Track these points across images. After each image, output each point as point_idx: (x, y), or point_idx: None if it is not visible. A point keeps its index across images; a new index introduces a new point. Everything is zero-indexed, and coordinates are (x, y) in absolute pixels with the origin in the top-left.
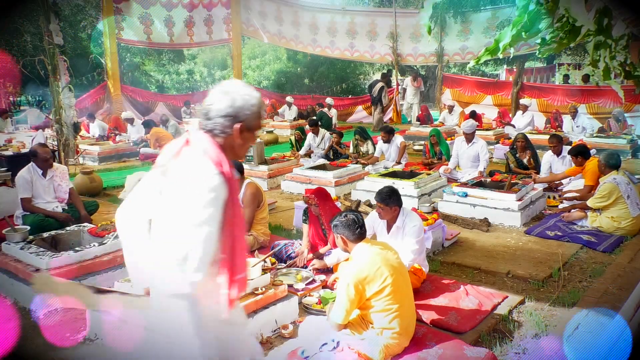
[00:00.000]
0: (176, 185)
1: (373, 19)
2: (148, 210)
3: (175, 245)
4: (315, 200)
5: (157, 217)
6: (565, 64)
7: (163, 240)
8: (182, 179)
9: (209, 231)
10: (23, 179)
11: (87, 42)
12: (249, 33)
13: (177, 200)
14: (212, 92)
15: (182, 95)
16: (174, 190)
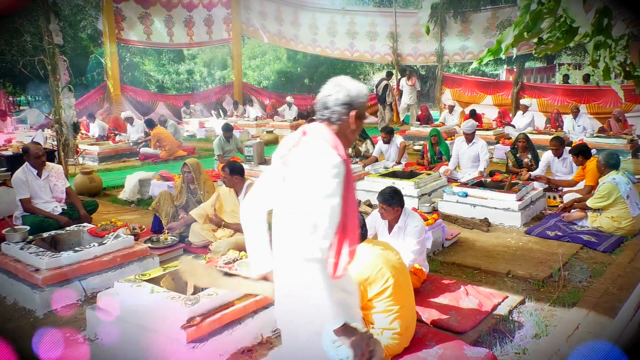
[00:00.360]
0: (301, 168)
1: (373, 19)
2: (268, 200)
3: (306, 216)
4: None
5: (283, 199)
6: (565, 64)
7: (294, 215)
8: (307, 162)
9: (334, 203)
10: (19, 180)
11: (87, 42)
12: (249, 33)
13: (304, 180)
14: (326, 86)
15: (182, 95)
16: (300, 172)
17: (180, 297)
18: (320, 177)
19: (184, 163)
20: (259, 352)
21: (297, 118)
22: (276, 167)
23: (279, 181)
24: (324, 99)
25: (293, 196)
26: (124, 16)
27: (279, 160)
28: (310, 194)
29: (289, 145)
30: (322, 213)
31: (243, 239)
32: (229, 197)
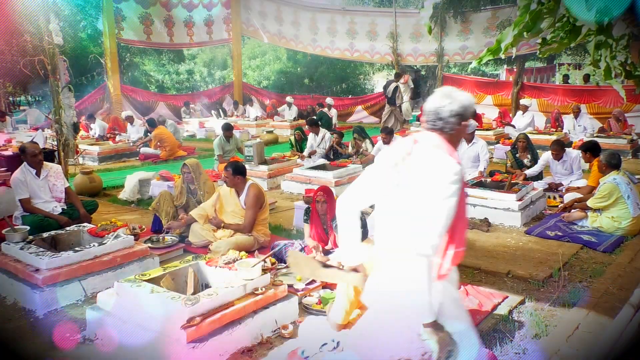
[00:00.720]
0: (422, 174)
1: (373, 19)
2: (368, 200)
3: (423, 217)
4: (324, 197)
5: (396, 201)
6: (565, 64)
7: (408, 215)
8: (428, 169)
9: (451, 205)
10: (17, 180)
11: (87, 42)
12: (249, 33)
13: (426, 184)
14: (436, 97)
15: (182, 95)
16: (420, 178)
17: (180, 297)
18: (442, 182)
19: (184, 164)
20: (259, 352)
21: (297, 118)
22: (387, 172)
23: (391, 186)
24: (438, 110)
25: (410, 199)
26: (124, 16)
27: (392, 167)
28: (431, 197)
29: (402, 154)
30: (439, 215)
31: (242, 239)
32: (229, 197)
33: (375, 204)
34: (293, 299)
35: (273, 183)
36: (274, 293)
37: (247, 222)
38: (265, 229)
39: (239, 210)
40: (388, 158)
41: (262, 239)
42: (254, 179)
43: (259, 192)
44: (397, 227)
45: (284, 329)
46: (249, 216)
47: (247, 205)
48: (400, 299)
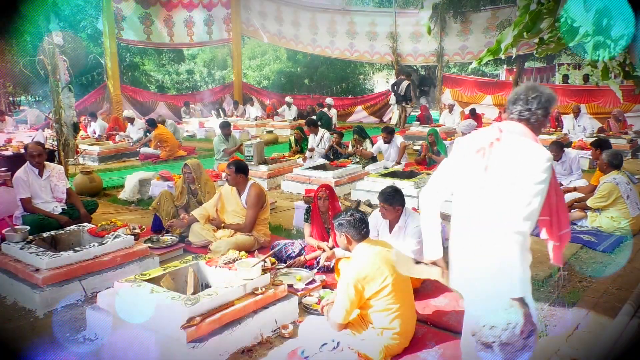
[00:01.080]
0: (512, 159)
1: (373, 19)
2: (449, 189)
3: (518, 200)
4: (326, 193)
5: (486, 185)
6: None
7: (501, 197)
8: (518, 155)
9: (544, 188)
10: (20, 179)
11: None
12: (249, 33)
13: (519, 170)
14: (524, 90)
15: (182, 95)
16: (511, 162)
17: (180, 297)
18: (536, 168)
19: (185, 164)
20: (259, 352)
21: (297, 118)
22: (471, 157)
23: (478, 170)
24: (526, 101)
25: (501, 181)
26: (124, 16)
27: (477, 153)
28: (525, 181)
29: (489, 140)
30: (534, 197)
31: (242, 239)
32: (230, 196)
33: (457, 190)
34: (293, 299)
35: (273, 183)
36: (274, 293)
37: (248, 221)
38: (266, 229)
39: (240, 210)
40: (470, 145)
41: (263, 239)
42: (254, 179)
43: (260, 192)
44: (488, 209)
45: (284, 329)
46: (250, 215)
47: (249, 204)
48: (492, 275)
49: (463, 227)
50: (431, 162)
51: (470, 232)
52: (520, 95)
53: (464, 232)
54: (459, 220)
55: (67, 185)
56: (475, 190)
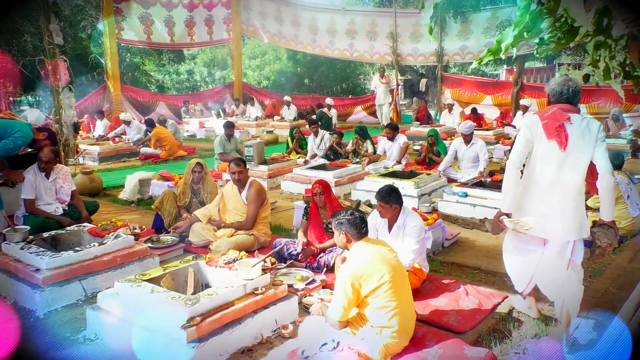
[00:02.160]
0: (586, 129)
1: (373, 19)
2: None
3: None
4: (321, 188)
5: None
6: (565, 64)
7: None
8: (593, 128)
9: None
10: (28, 180)
11: (87, 42)
12: (249, 33)
13: (593, 138)
14: (563, 80)
15: (182, 95)
16: (586, 131)
17: (180, 297)
18: (601, 132)
19: (197, 162)
20: (259, 352)
21: (297, 118)
22: (550, 135)
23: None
24: (569, 88)
25: (581, 148)
26: (124, 16)
27: (555, 130)
28: (597, 144)
29: (561, 121)
30: (605, 154)
31: (243, 238)
32: (231, 195)
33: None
34: (293, 298)
35: (273, 183)
36: (274, 293)
37: (249, 217)
38: (267, 229)
39: (241, 207)
40: (544, 125)
41: (263, 239)
42: (254, 179)
43: (260, 188)
44: (569, 173)
45: (284, 329)
46: (251, 211)
47: (249, 200)
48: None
49: (546, 187)
50: (431, 162)
51: (553, 190)
52: (562, 84)
53: (548, 190)
54: (541, 183)
55: (73, 187)
56: (557, 158)
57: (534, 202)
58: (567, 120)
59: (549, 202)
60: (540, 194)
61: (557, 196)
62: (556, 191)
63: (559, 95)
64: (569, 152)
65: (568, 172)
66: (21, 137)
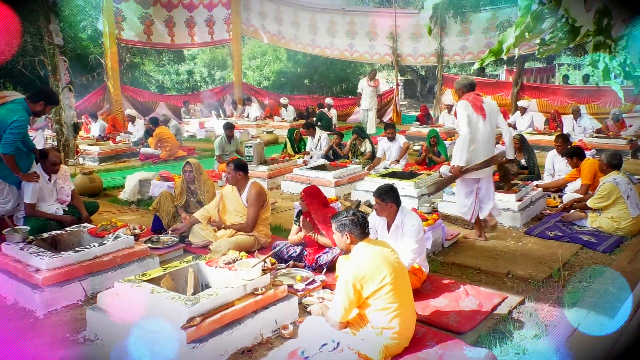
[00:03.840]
0: (492, 109)
1: (373, 19)
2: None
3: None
4: (302, 195)
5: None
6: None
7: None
8: (493, 106)
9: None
10: (33, 186)
11: (87, 43)
12: (249, 33)
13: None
14: (465, 79)
15: (182, 95)
16: (492, 110)
17: (180, 297)
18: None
19: (187, 162)
20: (259, 352)
21: (297, 118)
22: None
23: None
24: (473, 82)
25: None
26: (124, 17)
27: (479, 107)
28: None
29: (479, 101)
30: (502, 118)
31: (243, 239)
32: (231, 196)
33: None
34: (293, 299)
35: (273, 183)
36: (274, 293)
37: (249, 219)
38: (267, 230)
39: (241, 209)
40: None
41: (263, 240)
42: (255, 180)
43: (260, 190)
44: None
45: (284, 329)
46: (251, 213)
47: (249, 202)
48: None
49: (481, 142)
50: (431, 162)
51: (485, 144)
52: (469, 80)
53: (482, 144)
54: (479, 141)
55: (72, 187)
56: (483, 124)
57: (476, 153)
58: (481, 101)
59: (483, 151)
60: (478, 147)
61: (487, 146)
62: (486, 144)
63: (470, 87)
64: (487, 119)
65: (490, 131)
66: (17, 127)
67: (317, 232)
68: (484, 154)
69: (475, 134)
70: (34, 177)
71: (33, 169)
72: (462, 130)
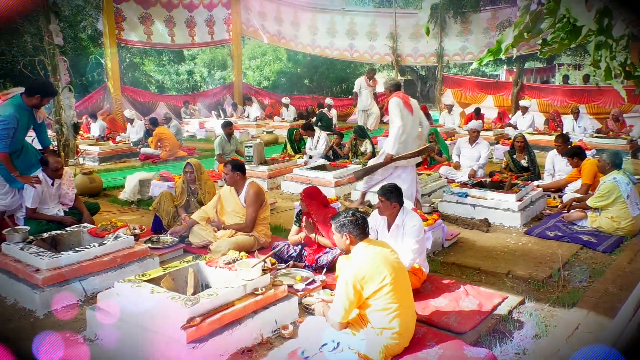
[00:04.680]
0: (415, 106)
1: (373, 19)
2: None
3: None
4: (302, 196)
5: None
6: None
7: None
8: (415, 103)
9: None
10: (35, 191)
11: (87, 43)
12: (249, 33)
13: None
14: (394, 80)
15: (182, 95)
16: (415, 107)
17: (180, 297)
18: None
19: (187, 162)
20: (259, 352)
21: (297, 118)
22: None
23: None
24: (400, 82)
25: (416, 111)
26: (124, 17)
27: (407, 104)
28: (419, 108)
29: (407, 99)
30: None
31: (243, 239)
32: (229, 197)
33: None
34: (293, 299)
35: (273, 183)
36: (274, 293)
37: (248, 219)
38: (267, 230)
39: (240, 209)
40: (404, 104)
41: (263, 240)
42: (254, 179)
43: (258, 190)
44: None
45: (284, 329)
46: (249, 213)
47: (247, 203)
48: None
49: (410, 135)
50: (432, 162)
51: (412, 136)
52: (397, 81)
53: (411, 136)
54: (410, 133)
55: (75, 191)
56: (412, 118)
57: (406, 144)
58: (408, 99)
59: (412, 142)
60: (408, 138)
61: (415, 138)
62: (414, 136)
63: (397, 87)
64: (414, 115)
65: (416, 125)
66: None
67: (317, 233)
68: (412, 145)
69: (405, 127)
70: (31, 181)
71: (36, 172)
72: (396, 122)
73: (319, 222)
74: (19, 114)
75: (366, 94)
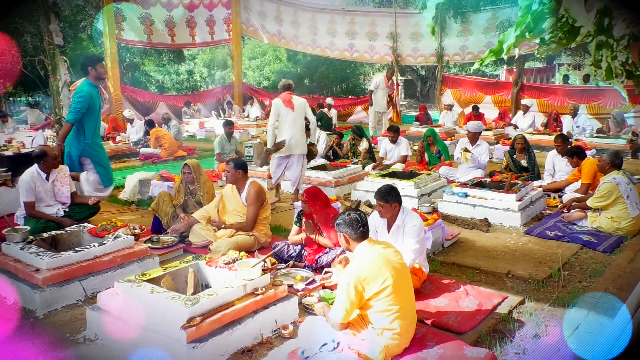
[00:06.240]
0: (300, 103)
1: (373, 19)
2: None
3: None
4: (305, 197)
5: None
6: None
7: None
8: (301, 102)
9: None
10: (26, 183)
11: (87, 42)
12: (249, 33)
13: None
14: (284, 82)
15: (183, 95)
16: (300, 105)
17: (180, 297)
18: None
19: (185, 164)
20: (259, 352)
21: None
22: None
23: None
24: (288, 83)
25: (299, 107)
26: (124, 17)
27: (288, 102)
28: (306, 103)
29: (290, 97)
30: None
31: (243, 239)
32: (231, 196)
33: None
34: (293, 299)
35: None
36: (274, 293)
37: (249, 218)
38: (267, 230)
39: (241, 209)
40: (283, 104)
41: (263, 240)
42: (254, 179)
43: (259, 189)
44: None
45: (284, 329)
46: (250, 213)
47: (249, 202)
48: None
49: (289, 128)
50: (431, 161)
51: (293, 130)
52: (287, 83)
53: (291, 130)
54: (290, 128)
55: (72, 189)
56: (291, 114)
57: (294, 137)
58: (291, 98)
59: (292, 136)
60: (288, 132)
61: (295, 132)
62: (294, 130)
63: (286, 88)
64: (295, 111)
65: (298, 119)
66: (80, 97)
67: (318, 233)
68: (299, 136)
69: (284, 124)
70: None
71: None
72: (270, 121)
73: (321, 223)
74: (93, 93)
75: (382, 94)
